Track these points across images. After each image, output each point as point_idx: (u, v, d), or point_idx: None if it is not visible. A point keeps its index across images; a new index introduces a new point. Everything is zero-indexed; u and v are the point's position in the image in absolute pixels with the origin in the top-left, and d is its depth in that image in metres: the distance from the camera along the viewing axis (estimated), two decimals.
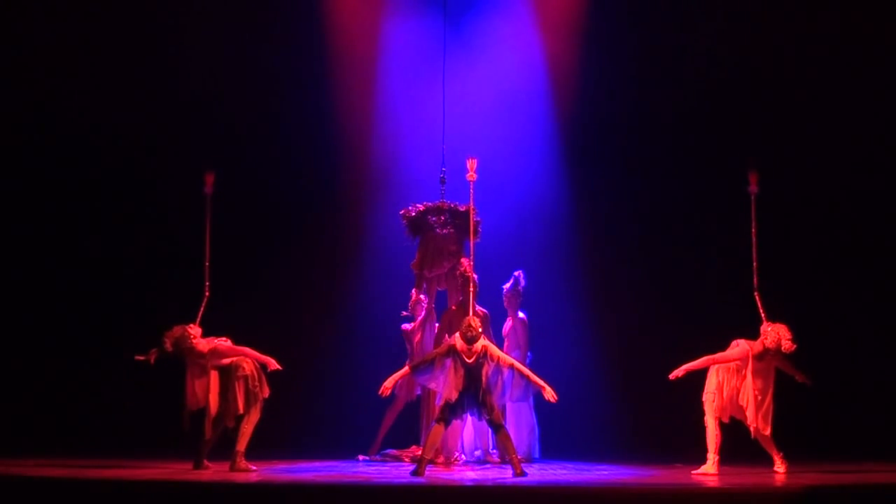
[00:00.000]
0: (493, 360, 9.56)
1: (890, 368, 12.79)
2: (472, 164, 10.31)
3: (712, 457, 9.86)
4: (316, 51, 13.43)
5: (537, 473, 9.97)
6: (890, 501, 8.37)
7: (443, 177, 11.76)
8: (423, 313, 11.62)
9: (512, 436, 10.99)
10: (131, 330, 12.92)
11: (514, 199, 13.26)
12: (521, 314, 11.55)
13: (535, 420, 11.41)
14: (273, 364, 9.97)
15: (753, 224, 10.41)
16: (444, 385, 9.55)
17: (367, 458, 11.44)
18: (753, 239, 10.38)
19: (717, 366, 9.97)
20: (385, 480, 9.28)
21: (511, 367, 9.62)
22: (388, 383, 9.66)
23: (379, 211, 13.16)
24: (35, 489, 8.58)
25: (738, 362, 9.85)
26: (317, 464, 10.46)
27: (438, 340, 11.09)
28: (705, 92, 13.27)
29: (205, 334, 10.04)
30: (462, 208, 11.43)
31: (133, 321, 12.91)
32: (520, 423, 11.26)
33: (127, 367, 12.57)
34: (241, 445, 9.90)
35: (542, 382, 9.60)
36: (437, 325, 11.40)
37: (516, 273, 11.58)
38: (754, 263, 10.30)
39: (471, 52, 13.31)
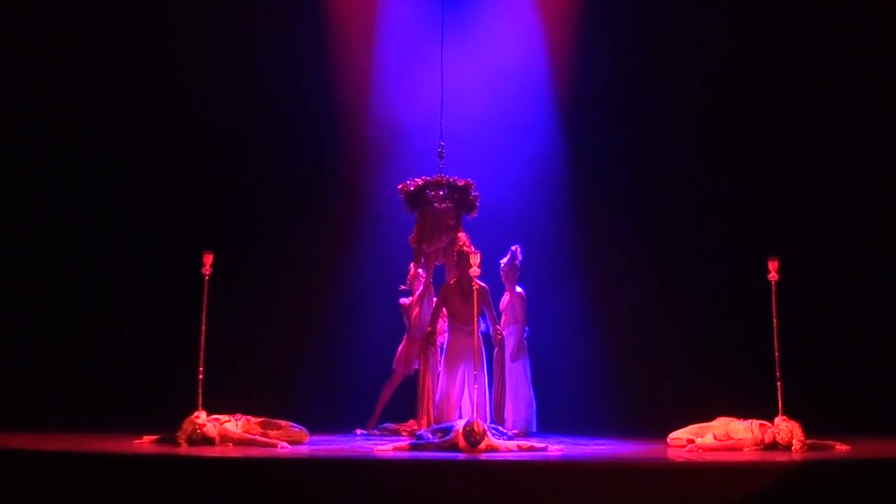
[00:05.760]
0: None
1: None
2: (475, 260, 10.19)
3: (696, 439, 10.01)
4: (313, 28, 13.36)
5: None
6: (886, 477, 8.40)
7: (441, 151, 11.76)
8: (420, 287, 11.62)
9: (510, 410, 11.11)
10: (133, 306, 13.08)
11: (511, 174, 13.24)
12: (518, 288, 11.54)
13: (532, 394, 11.43)
14: (280, 446, 9.85)
15: (775, 313, 10.18)
16: None
17: (365, 431, 11.45)
18: (775, 329, 10.11)
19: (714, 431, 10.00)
20: (382, 454, 9.31)
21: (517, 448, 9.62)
22: None
23: (377, 185, 13.13)
24: (35, 463, 8.60)
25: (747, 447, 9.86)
26: (314, 437, 10.46)
27: (436, 314, 11.10)
28: (706, 74, 13.21)
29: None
30: (460, 182, 11.44)
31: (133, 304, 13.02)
32: (517, 398, 11.28)
33: (128, 343, 12.70)
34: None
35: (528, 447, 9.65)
36: (434, 299, 11.39)
37: (513, 247, 11.56)
38: (776, 354, 10.07)
39: (469, 27, 13.25)
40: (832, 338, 12.65)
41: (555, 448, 9.67)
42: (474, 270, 10.15)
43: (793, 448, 9.63)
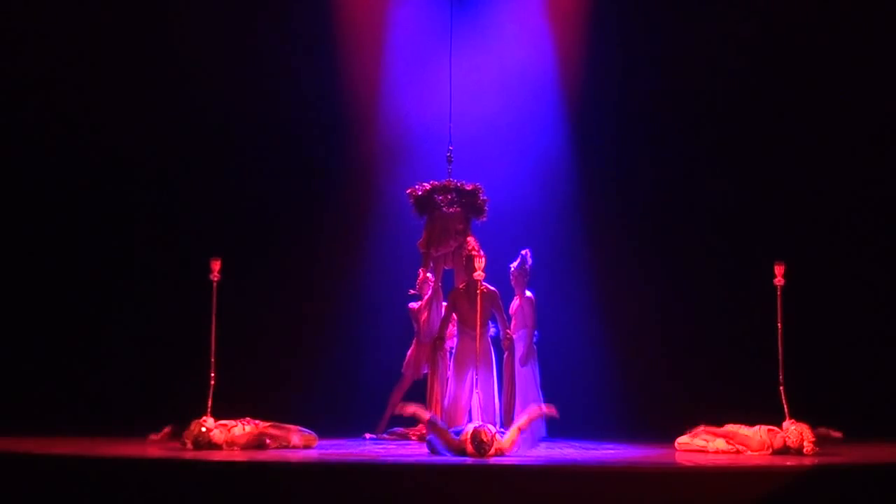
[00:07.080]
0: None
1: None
2: (479, 264, 10.23)
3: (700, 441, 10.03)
4: (322, 32, 13.38)
5: (543, 452, 9.99)
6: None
7: (449, 155, 11.78)
8: (429, 292, 11.63)
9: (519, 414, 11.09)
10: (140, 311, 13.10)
11: (520, 178, 13.24)
12: (528, 293, 11.55)
13: (541, 399, 11.41)
14: (293, 440, 9.91)
15: (780, 318, 10.19)
16: None
17: (374, 436, 11.47)
18: (780, 334, 10.15)
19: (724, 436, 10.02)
20: (392, 458, 9.32)
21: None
22: None
23: (386, 190, 13.15)
24: (42, 467, 8.62)
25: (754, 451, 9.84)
26: (323, 442, 10.48)
27: (445, 319, 11.11)
28: (717, 79, 13.19)
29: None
30: (468, 187, 11.46)
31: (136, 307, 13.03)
32: (527, 402, 11.25)
33: (136, 349, 12.70)
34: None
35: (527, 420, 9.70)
36: (443, 303, 11.40)
37: (523, 252, 11.57)
38: (780, 358, 10.10)
39: (478, 30, 13.25)
40: (841, 340, 12.65)
41: (549, 408, 9.73)
42: (478, 274, 10.17)
43: (804, 450, 9.61)
